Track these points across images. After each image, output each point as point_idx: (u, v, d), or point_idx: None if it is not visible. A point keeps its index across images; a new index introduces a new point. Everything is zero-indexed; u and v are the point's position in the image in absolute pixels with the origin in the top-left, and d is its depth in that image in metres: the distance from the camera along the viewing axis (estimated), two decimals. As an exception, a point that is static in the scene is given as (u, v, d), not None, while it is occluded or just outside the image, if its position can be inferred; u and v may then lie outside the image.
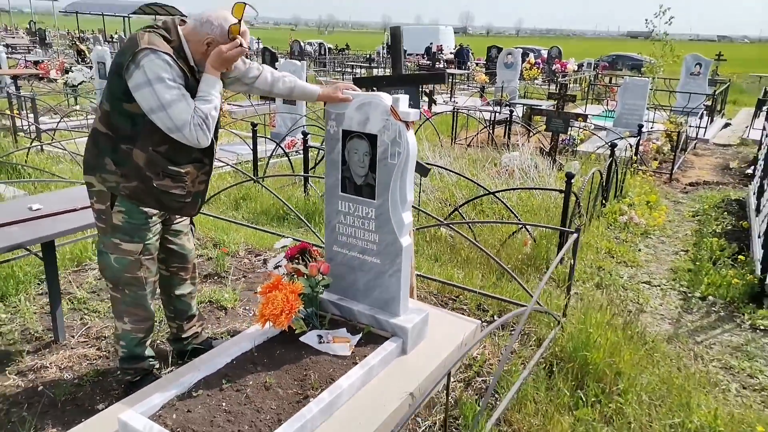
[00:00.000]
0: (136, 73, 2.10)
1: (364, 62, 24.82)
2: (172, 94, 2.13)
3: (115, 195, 2.31)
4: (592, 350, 2.78)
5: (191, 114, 2.17)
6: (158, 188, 2.32)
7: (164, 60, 2.12)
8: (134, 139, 2.24)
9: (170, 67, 2.14)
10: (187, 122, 2.16)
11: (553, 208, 5.24)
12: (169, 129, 2.17)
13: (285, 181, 6.36)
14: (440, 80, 9.46)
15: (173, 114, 2.13)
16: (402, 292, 2.79)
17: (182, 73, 2.21)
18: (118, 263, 2.39)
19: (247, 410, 2.26)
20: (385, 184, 2.66)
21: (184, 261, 2.71)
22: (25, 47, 23.87)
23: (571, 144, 8.45)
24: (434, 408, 2.61)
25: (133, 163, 2.26)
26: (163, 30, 2.23)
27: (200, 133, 2.20)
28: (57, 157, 6.92)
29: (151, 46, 2.11)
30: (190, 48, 2.27)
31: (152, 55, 2.10)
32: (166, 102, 2.12)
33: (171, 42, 2.21)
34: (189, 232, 2.73)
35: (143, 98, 2.12)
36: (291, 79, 2.66)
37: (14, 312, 3.36)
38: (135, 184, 2.29)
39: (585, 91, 15.56)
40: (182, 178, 2.35)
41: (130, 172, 2.27)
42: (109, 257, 2.39)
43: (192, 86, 2.25)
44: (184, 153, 2.32)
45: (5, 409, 2.56)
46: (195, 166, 2.40)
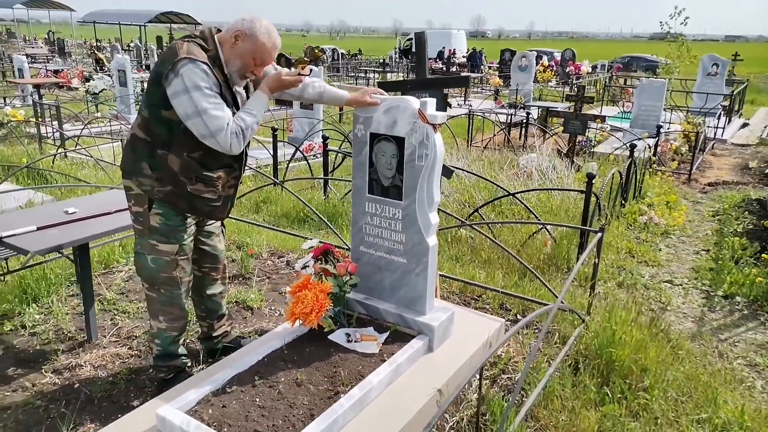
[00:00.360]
0: (175, 81, 2.18)
1: (377, 67, 24.93)
2: (209, 102, 2.20)
3: (152, 198, 2.39)
4: (618, 347, 2.80)
5: (227, 121, 2.24)
6: (191, 192, 2.39)
7: (202, 69, 2.20)
8: (170, 145, 2.32)
9: (207, 76, 2.22)
10: (221, 129, 2.23)
11: (573, 209, 5.25)
12: (203, 135, 2.24)
13: (304, 185, 6.44)
14: (464, 84, 9.54)
15: (208, 121, 2.21)
16: (428, 290, 2.83)
17: (218, 82, 2.28)
18: (155, 264, 2.46)
19: (280, 405, 2.31)
20: (412, 185, 2.71)
21: (215, 261, 2.78)
22: (44, 57, 24.32)
23: (588, 145, 8.44)
24: (461, 404, 2.64)
25: (168, 168, 2.34)
26: (200, 39, 2.31)
27: (235, 141, 2.28)
28: (81, 163, 7.06)
29: (189, 56, 2.19)
30: (224, 52, 2.34)
31: (190, 65, 2.18)
32: (202, 109, 2.19)
33: (208, 51, 2.29)
34: (220, 233, 2.81)
35: (180, 105, 2.20)
36: (320, 84, 2.73)
37: (47, 313, 3.45)
38: (169, 188, 2.37)
39: (600, 92, 15.50)
40: (214, 183, 2.43)
41: (164, 177, 2.35)
42: (146, 258, 2.47)
43: (226, 94, 2.33)
44: (217, 159, 2.40)
45: (44, 405, 2.64)
46: (226, 171, 2.47)
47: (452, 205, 5.49)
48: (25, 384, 2.79)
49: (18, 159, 6.92)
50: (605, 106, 14.26)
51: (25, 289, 3.59)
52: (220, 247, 2.79)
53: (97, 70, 18.45)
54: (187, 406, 2.28)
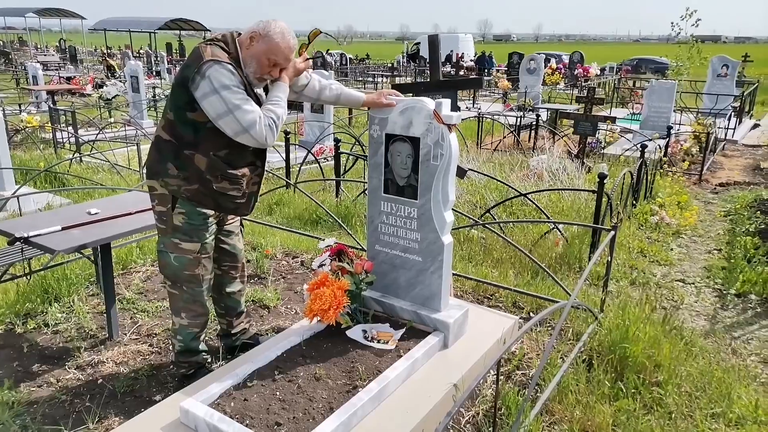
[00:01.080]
0: (203, 83, 2.25)
1: (386, 71, 25.03)
2: (238, 98, 2.27)
3: (176, 198, 2.46)
4: (631, 343, 2.83)
5: (258, 115, 2.31)
6: (218, 190, 2.46)
7: (228, 69, 2.27)
8: (196, 145, 2.39)
9: (233, 75, 2.29)
10: (254, 123, 2.30)
11: (584, 210, 5.28)
12: (237, 132, 2.31)
13: (316, 187, 6.51)
14: (478, 86, 9.59)
15: (240, 117, 2.28)
16: (443, 288, 2.88)
17: (243, 81, 2.35)
18: (178, 262, 2.53)
19: (300, 399, 2.37)
20: (427, 184, 2.76)
21: (234, 260, 2.85)
22: (56, 64, 24.63)
23: (598, 147, 8.46)
24: (477, 399, 2.68)
25: (195, 168, 2.41)
26: (222, 42, 2.38)
27: (269, 133, 2.35)
28: (96, 167, 7.18)
29: (214, 58, 2.27)
30: (242, 54, 2.40)
31: (216, 66, 2.25)
32: (233, 106, 2.26)
33: (230, 53, 2.36)
34: (239, 233, 2.87)
35: (211, 105, 2.27)
36: (337, 86, 2.80)
37: (69, 312, 3.53)
38: (196, 186, 2.43)
39: (609, 94, 15.49)
40: (239, 180, 2.49)
41: (191, 176, 2.42)
42: (169, 256, 2.53)
43: (249, 94, 2.39)
44: (241, 157, 2.47)
45: (69, 400, 2.71)
46: (250, 169, 2.53)
47: (463, 206, 5.54)
48: (50, 380, 2.86)
49: (35, 163, 7.05)
50: (614, 108, 14.25)
51: (47, 289, 3.68)
52: (239, 246, 2.85)
53: (109, 77, 18.68)
54: (209, 399, 2.33)
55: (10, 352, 3.11)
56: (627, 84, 18.56)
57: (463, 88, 3.94)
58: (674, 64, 14.84)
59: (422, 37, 37.18)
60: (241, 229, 2.95)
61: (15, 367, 2.96)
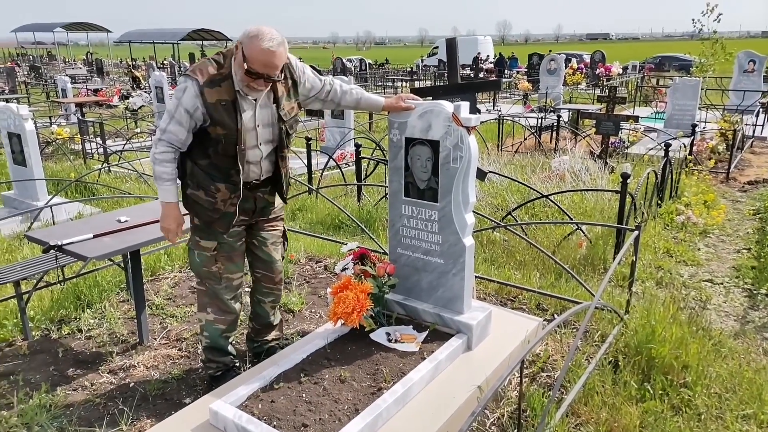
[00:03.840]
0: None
1: (405, 75, 25.10)
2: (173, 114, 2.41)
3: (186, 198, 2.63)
4: (658, 344, 2.80)
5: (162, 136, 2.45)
6: (190, 196, 2.58)
7: (191, 88, 2.36)
8: (188, 151, 2.54)
9: (192, 96, 2.36)
10: (156, 141, 2.49)
11: (608, 210, 5.23)
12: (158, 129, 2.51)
13: (338, 192, 6.57)
14: (496, 88, 9.56)
15: (161, 123, 2.45)
16: (465, 290, 2.89)
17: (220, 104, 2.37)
18: (199, 258, 2.65)
19: (325, 401, 2.40)
20: (447, 187, 2.78)
21: (268, 269, 2.84)
22: (83, 77, 25.28)
23: (621, 146, 8.36)
24: (501, 401, 2.69)
25: (184, 172, 2.58)
26: (221, 56, 2.47)
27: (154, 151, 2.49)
28: (124, 177, 7.35)
29: (192, 72, 2.41)
30: (233, 67, 2.42)
31: (184, 78, 2.41)
32: (167, 112, 2.44)
33: (221, 68, 2.42)
34: (278, 243, 2.86)
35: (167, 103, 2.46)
36: (358, 91, 2.84)
37: (101, 317, 3.63)
38: (187, 191, 2.60)
39: (632, 93, 15.29)
40: (213, 194, 2.52)
41: (183, 180, 2.59)
42: (193, 253, 2.67)
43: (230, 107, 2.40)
44: (219, 171, 2.50)
45: (103, 403, 2.79)
46: (228, 187, 2.51)
47: (485, 208, 5.53)
48: (85, 383, 2.95)
49: (66, 174, 7.25)
50: (638, 107, 14.06)
51: (80, 296, 3.79)
52: (275, 256, 2.83)
53: (134, 88, 19.10)
54: (238, 401, 2.38)
55: (46, 357, 3.21)
56: (650, 82, 18.29)
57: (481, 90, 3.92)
58: (698, 60, 14.58)
59: (440, 41, 37.20)
60: (283, 241, 2.91)
61: (51, 372, 3.06)
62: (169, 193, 2.53)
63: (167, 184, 2.51)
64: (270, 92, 2.52)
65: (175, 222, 2.58)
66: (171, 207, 2.56)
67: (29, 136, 5.52)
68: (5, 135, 5.76)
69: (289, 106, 2.59)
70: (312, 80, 2.70)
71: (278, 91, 2.53)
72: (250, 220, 2.73)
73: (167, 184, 2.51)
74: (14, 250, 4.75)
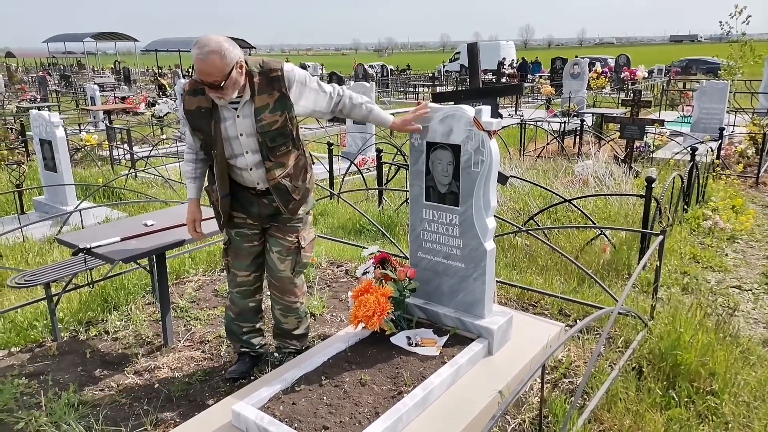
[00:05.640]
0: None
1: (427, 81, 25.11)
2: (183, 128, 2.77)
3: None
4: (683, 350, 2.75)
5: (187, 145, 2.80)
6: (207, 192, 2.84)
7: (179, 97, 2.65)
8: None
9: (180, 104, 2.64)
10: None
11: (632, 215, 5.16)
12: None
13: (359, 197, 6.60)
14: (518, 92, 9.52)
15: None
16: (486, 294, 2.88)
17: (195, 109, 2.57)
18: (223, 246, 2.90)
19: (346, 404, 2.41)
20: (468, 191, 2.78)
21: (272, 276, 2.82)
22: (111, 85, 25.87)
23: (646, 151, 8.24)
24: (522, 407, 2.66)
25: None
26: None
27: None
28: (149, 182, 7.50)
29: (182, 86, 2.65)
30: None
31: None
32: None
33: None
34: (285, 254, 2.77)
35: None
36: (368, 106, 2.80)
37: (127, 319, 3.70)
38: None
39: (658, 97, 15.06)
40: (210, 193, 2.79)
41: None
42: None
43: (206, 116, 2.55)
44: (214, 175, 2.69)
45: (128, 403, 2.85)
46: (218, 189, 2.68)
47: (507, 213, 5.50)
48: (111, 384, 3.02)
49: (94, 180, 7.43)
50: (663, 110, 13.83)
51: (107, 298, 3.88)
52: (279, 265, 2.78)
53: (161, 96, 19.48)
54: (259, 402, 2.41)
55: (74, 357, 3.29)
56: (676, 86, 17.99)
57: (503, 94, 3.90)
58: (726, 63, 14.29)
59: (462, 45, 37.16)
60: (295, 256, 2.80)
61: (79, 372, 3.14)
62: (190, 190, 2.83)
63: (188, 181, 2.82)
64: (251, 102, 2.52)
65: (192, 216, 2.80)
66: (191, 202, 2.82)
67: (60, 143, 5.67)
68: (37, 142, 5.93)
69: (271, 118, 2.52)
70: (314, 94, 2.64)
71: (257, 102, 2.51)
72: (261, 224, 2.78)
73: (188, 181, 2.82)
74: (44, 253, 4.88)
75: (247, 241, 2.78)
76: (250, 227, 2.77)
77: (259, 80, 2.50)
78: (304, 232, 2.82)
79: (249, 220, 2.75)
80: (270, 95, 2.51)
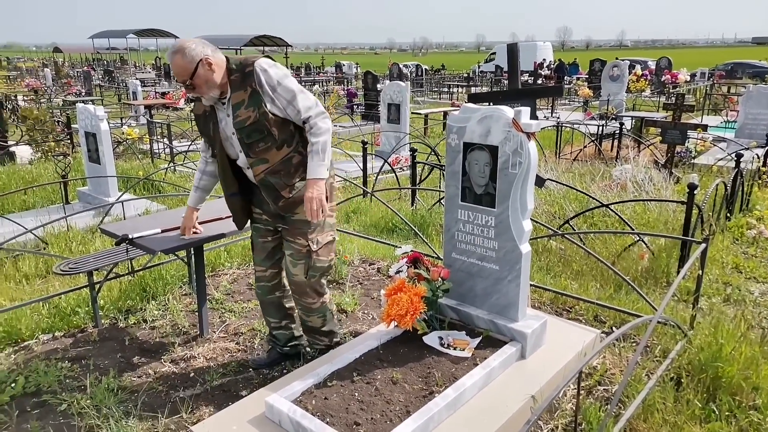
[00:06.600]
0: None
1: (461, 81, 24.96)
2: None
3: None
4: (725, 363, 2.67)
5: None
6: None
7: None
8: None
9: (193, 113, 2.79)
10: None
11: (672, 222, 5.03)
12: None
13: (392, 196, 6.61)
14: (558, 94, 9.38)
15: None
16: (521, 297, 2.85)
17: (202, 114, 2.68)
18: None
19: (377, 401, 2.42)
20: (505, 193, 2.76)
21: (288, 279, 2.81)
22: (152, 81, 26.53)
23: (688, 156, 8.01)
24: (555, 413, 2.63)
25: None
26: None
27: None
28: (187, 176, 7.67)
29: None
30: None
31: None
32: None
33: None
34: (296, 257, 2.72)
35: None
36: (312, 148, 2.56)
37: (164, 309, 3.80)
38: None
39: (700, 102, 14.62)
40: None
41: None
42: None
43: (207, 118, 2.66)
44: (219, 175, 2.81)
45: (165, 390, 2.92)
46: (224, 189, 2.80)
47: (541, 216, 5.42)
48: (148, 371, 3.10)
49: (134, 172, 7.63)
50: (706, 115, 13.43)
51: (145, 288, 3.98)
52: (291, 269, 2.74)
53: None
54: (292, 396, 2.44)
55: (114, 344, 3.39)
56: (720, 90, 17.43)
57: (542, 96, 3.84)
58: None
59: (498, 46, 36.81)
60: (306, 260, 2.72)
61: (118, 358, 3.23)
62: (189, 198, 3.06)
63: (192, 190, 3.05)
64: (229, 100, 2.56)
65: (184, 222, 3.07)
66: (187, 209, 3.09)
67: (104, 136, 5.85)
68: (83, 134, 6.13)
69: (245, 114, 2.50)
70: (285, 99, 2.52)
71: (234, 98, 2.53)
72: (274, 222, 2.78)
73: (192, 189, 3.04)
74: (87, 242, 5.04)
75: (261, 237, 2.86)
76: (265, 223, 2.83)
77: (235, 77, 2.51)
78: (316, 235, 2.70)
79: (264, 216, 2.81)
80: (245, 91, 2.50)
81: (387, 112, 9.33)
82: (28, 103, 14.91)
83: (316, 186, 2.53)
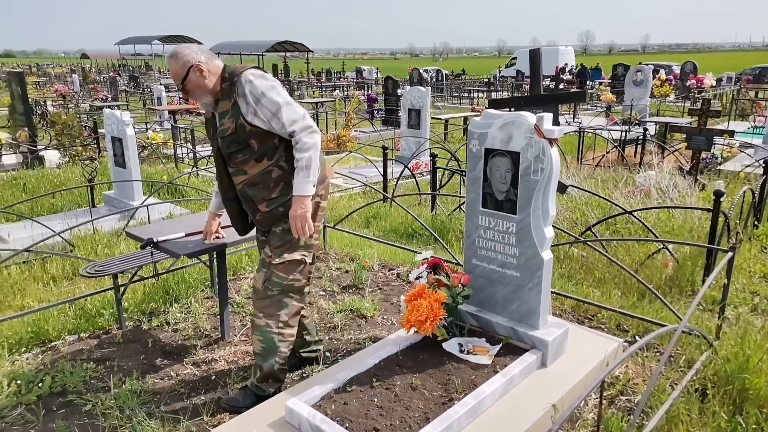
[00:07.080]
0: None
1: (482, 86, 24.88)
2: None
3: None
4: (753, 374, 2.61)
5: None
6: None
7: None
8: None
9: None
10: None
11: (697, 229, 4.93)
12: None
13: (412, 201, 6.61)
14: (581, 99, 9.31)
15: None
16: (542, 305, 2.83)
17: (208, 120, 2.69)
18: None
19: (396, 407, 2.42)
20: (526, 199, 2.74)
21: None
22: (176, 86, 26.98)
23: (714, 162, 7.87)
24: (576, 422, 2.60)
25: None
26: None
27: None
28: (210, 180, 7.76)
29: None
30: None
31: None
32: None
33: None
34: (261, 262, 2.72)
35: None
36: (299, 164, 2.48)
37: (187, 312, 3.85)
38: None
39: (727, 107, 14.35)
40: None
41: None
42: None
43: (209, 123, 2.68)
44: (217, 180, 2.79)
45: (187, 392, 2.96)
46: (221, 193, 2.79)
47: (563, 222, 5.37)
48: (171, 373, 3.14)
49: (159, 176, 7.76)
50: (733, 121, 13.17)
51: (168, 291, 4.04)
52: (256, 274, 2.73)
53: (222, 97, 20.08)
54: (312, 400, 2.46)
55: (137, 346, 3.45)
56: (747, 95, 17.08)
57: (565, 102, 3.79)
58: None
59: (519, 51, 36.64)
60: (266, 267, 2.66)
61: (141, 360, 3.29)
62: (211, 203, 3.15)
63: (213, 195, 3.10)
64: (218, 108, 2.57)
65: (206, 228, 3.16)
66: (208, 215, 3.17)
67: (130, 141, 5.96)
68: (109, 139, 6.26)
69: (227, 123, 2.49)
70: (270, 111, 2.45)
71: (220, 107, 2.54)
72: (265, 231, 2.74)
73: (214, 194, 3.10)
74: (113, 246, 5.13)
75: (261, 246, 2.84)
76: (262, 233, 2.80)
77: (225, 86, 2.50)
78: (283, 250, 2.61)
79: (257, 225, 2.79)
80: (229, 101, 2.49)
81: (407, 118, 9.34)
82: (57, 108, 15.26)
83: (301, 203, 2.46)
